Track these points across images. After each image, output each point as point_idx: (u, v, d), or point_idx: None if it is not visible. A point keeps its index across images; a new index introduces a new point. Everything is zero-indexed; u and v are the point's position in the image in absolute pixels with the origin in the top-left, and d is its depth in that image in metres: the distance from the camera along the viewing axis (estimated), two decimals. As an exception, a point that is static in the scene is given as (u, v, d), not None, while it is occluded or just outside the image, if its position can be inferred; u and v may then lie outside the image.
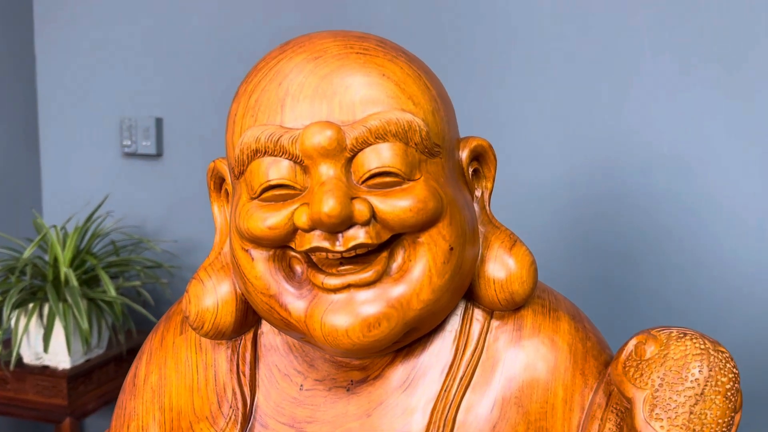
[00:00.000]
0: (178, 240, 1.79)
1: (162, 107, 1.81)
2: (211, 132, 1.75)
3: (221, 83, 1.73)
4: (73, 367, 1.56)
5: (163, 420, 0.62)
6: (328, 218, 0.48)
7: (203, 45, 1.74)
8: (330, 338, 0.51)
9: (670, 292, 1.36)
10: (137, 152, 1.82)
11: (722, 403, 0.50)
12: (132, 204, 1.83)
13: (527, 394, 0.58)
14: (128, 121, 1.82)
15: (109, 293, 1.54)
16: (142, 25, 1.80)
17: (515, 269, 0.57)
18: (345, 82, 0.51)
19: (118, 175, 1.85)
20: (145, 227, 1.83)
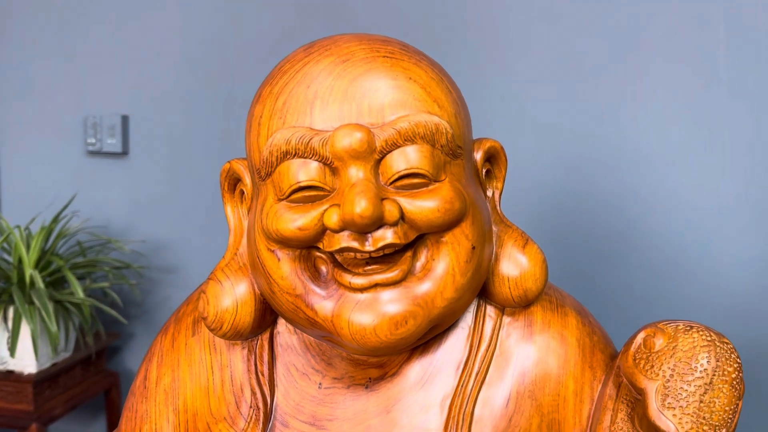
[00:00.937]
0: (146, 240, 1.76)
1: (128, 104, 1.77)
2: (179, 130, 1.73)
3: (189, 80, 1.71)
4: (40, 372, 1.52)
5: (178, 422, 0.62)
6: (360, 219, 0.49)
7: (170, 41, 1.71)
8: (358, 337, 0.52)
9: (639, 287, 1.41)
10: (102, 150, 1.78)
11: (729, 391, 0.53)
12: (97, 204, 1.79)
13: (540, 388, 0.60)
14: (93, 118, 1.78)
15: (77, 295, 1.51)
16: (107, 21, 1.76)
17: (528, 267, 0.59)
18: (373, 86, 0.52)
19: (82, 174, 1.81)
20: (111, 227, 1.79)
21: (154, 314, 1.81)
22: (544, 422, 0.59)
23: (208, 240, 1.73)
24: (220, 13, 1.66)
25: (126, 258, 1.72)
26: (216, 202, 1.71)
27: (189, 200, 1.75)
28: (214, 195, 1.70)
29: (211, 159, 1.71)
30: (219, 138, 1.69)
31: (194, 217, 1.74)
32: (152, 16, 1.72)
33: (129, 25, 1.74)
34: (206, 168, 1.71)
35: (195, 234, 1.75)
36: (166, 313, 1.80)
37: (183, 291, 1.78)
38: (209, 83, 1.69)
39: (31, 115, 1.84)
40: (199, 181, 1.73)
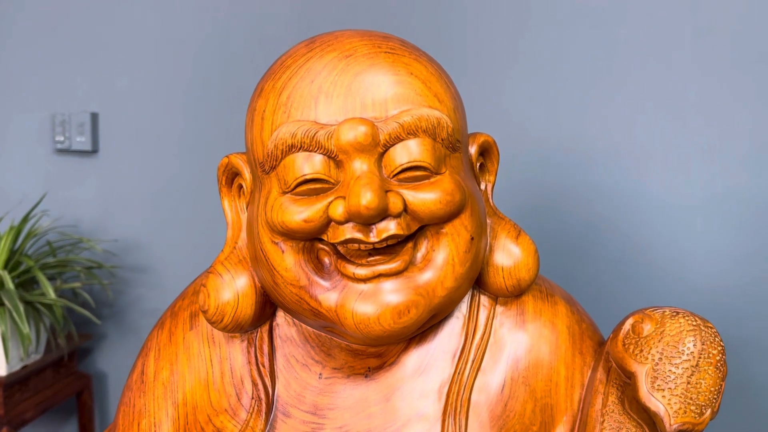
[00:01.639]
0: (118, 239, 1.73)
1: (97, 102, 1.75)
2: (150, 127, 1.71)
3: (160, 77, 1.69)
4: (10, 374, 1.49)
5: (177, 415, 0.62)
6: (366, 210, 0.50)
7: (141, 37, 1.69)
8: (362, 326, 0.53)
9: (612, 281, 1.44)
10: (71, 148, 1.75)
11: (714, 372, 0.56)
12: (67, 203, 1.75)
13: (533, 374, 0.62)
14: (61, 116, 1.75)
15: (48, 295, 1.48)
16: (75, 16, 1.72)
17: (521, 257, 0.61)
18: (376, 80, 0.53)
19: (51, 173, 1.77)
20: (81, 226, 1.76)
21: (126, 315, 1.79)
22: (538, 406, 0.61)
23: (180, 239, 1.72)
24: (192, 9, 1.65)
25: (97, 258, 1.70)
26: (189, 200, 1.70)
27: (161, 199, 1.73)
28: (187, 193, 1.69)
29: (183, 157, 1.69)
30: (191, 135, 1.68)
31: (166, 216, 1.73)
32: (122, 11, 1.70)
33: (97, 20, 1.71)
34: (178, 166, 1.70)
35: (167, 233, 1.74)
36: (138, 313, 1.78)
37: (155, 291, 1.76)
38: (181, 80, 1.67)
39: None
40: (171, 179, 1.71)
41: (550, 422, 0.61)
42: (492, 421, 0.60)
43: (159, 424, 0.62)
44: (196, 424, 0.61)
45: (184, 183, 1.70)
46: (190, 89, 1.67)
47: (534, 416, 0.61)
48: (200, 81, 1.66)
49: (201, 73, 1.66)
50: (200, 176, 1.67)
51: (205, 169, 1.67)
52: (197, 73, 1.66)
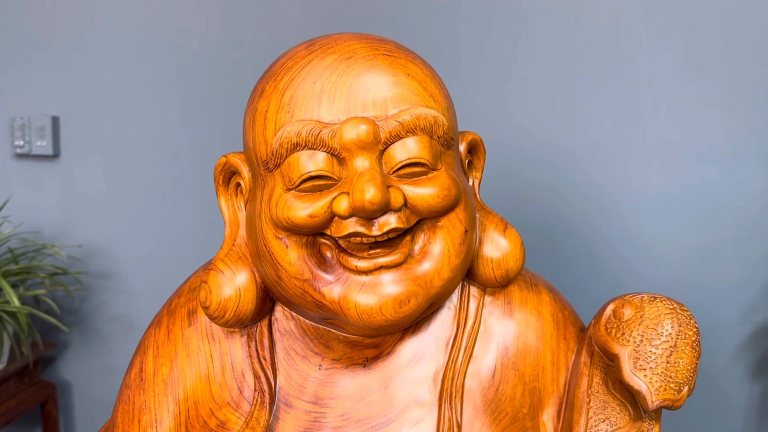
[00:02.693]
0: (82, 245, 1.71)
1: (58, 105, 1.72)
2: (113, 131, 1.69)
3: (122, 79, 1.67)
4: (-28, 385, 1.46)
5: (178, 411, 0.63)
6: (370, 205, 0.52)
7: (102, 38, 1.67)
8: (365, 316, 0.55)
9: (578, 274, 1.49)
10: (31, 153, 1.72)
11: (690, 352, 0.60)
12: (28, 208, 1.72)
13: (521, 359, 0.65)
14: (20, 119, 1.72)
15: (12, 303, 1.45)
16: (34, 17, 1.69)
17: (509, 249, 0.64)
18: (376, 81, 0.56)
19: (10, 178, 1.74)
20: (43, 232, 1.72)
21: (91, 321, 1.76)
22: (527, 390, 0.64)
23: (145, 243, 1.71)
24: (155, 10, 1.64)
25: (61, 264, 1.67)
26: (153, 204, 1.68)
27: (125, 203, 1.71)
28: (151, 197, 1.68)
29: (147, 160, 1.68)
30: (154, 138, 1.67)
31: (131, 221, 1.71)
32: (83, 11, 1.67)
33: (57, 21, 1.69)
34: (142, 169, 1.68)
35: (132, 238, 1.72)
36: (103, 319, 1.76)
37: (120, 296, 1.74)
38: (143, 82, 1.66)
39: (-49, 117, 1.75)
40: (135, 183, 1.70)
41: (538, 404, 0.65)
42: (485, 405, 0.63)
43: (160, 420, 0.63)
44: (198, 418, 0.63)
45: (148, 187, 1.69)
46: (153, 91, 1.66)
47: (523, 399, 0.64)
48: (163, 83, 1.65)
49: (164, 75, 1.65)
50: (164, 180, 1.67)
51: (170, 172, 1.66)
52: (160, 74, 1.65)
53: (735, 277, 1.44)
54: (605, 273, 1.48)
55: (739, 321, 1.45)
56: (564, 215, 1.49)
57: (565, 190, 1.48)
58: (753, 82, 1.37)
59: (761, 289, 1.44)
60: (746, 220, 1.42)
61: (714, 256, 1.43)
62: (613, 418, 0.62)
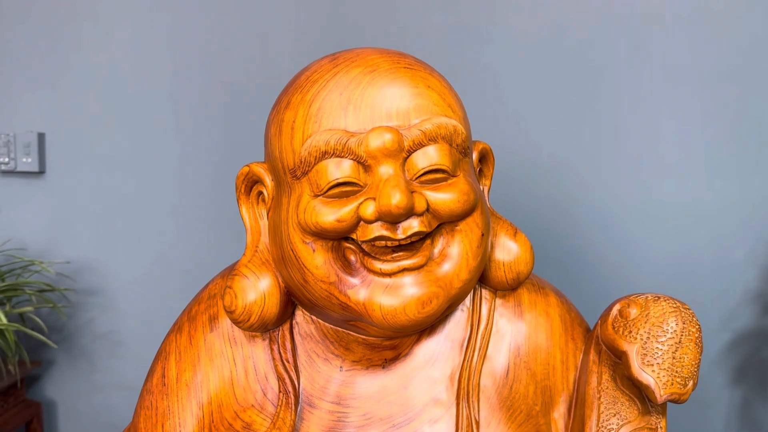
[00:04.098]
0: (70, 261, 1.70)
1: (44, 122, 1.71)
2: (99, 147, 1.69)
3: (107, 96, 1.67)
4: (-43, 405, 1.44)
5: (202, 414, 0.64)
6: (396, 209, 0.55)
7: (87, 56, 1.68)
8: (389, 317, 0.57)
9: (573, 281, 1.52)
10: (16, 170, 1.71)
11: (694, 348, 0.63)
12: (14, 225, 1.71)
13: (533, 359, 0.68)
14: (5, 136, 1.71)
15: (0, 321, 1.44)
16: (20, 34, 1.69)
17: (520, 253, 0.67)
18: (399, 93, 0.59)
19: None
20: (29, 250, 1.71)
21: (77, 339, 1.75)
22: (539, 388, 0.67)
23: (133, 260, 1.70)
24: (141, 29, 1.65)
25: (48, 280, 1.66)
26: (140, 220, 1.68)
27: (111, 220, 1.71)
28: (138, 213, 1.68)
29: (133, 176, 1.68)
30: (140, 155, 1.67)
31: (118, 237, 1.71)
32: (69, 29, 1.68)
33: (43, 38, 1.69)
34: (128, 186, 1.68)
35: (119, 254, 1.71)
36: (89, 337, 1.74)
37: (107, 313, 1.73)
38: (129, 98, 1.67)
39: (-65, 134, 1.73)
40: (121, 199, 1.69)
41: (549, 402, 0.67)
42: (500, 403, 0.65)
43: (184, 424, 0.64)
44: (222, 421, 0.64)
45: (135, 203, 1.69)
46: (139, 108, 1.67)
47: (536, 397, 0.67)
48: (149, 99, 1.66)
49: (150, 91, 1.66)
50: (151, 196, 1.67)
51: (157, 188, 1.67)
52: (146, 91, 1.66)
53: (714, 285, 1.48)
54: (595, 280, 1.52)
55: (719, 328, 1.49)
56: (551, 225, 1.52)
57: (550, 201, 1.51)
58: (727, 95, 1.43)
59: (740, 296, 1.48)
60: (724, 230, 1.47)
61: (693, 265, 1.48)
62: (623, 412, 0.64)
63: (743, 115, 1.44)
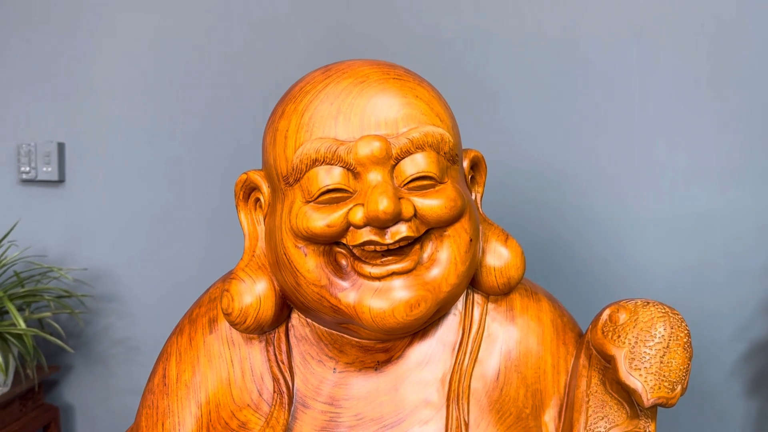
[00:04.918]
0: (87, 268, 1.74)
1: (64, 132, 1.76)
2: (117, 157, 1.73)
3: (125, 105, 1.72)
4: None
5: (200, 414, 0.66)
6: (384, 215, 0.57)
7: (106, 66, 1.72)
8: (378, 319, 0.59)
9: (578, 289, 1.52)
10: (37, 178, 1.75)
11: (682, 353, 0.64)
12: (34, 233, 1.75)
13: (524, 363, 0.69)
14: (26, 146, 1.76)
15: (19, 325, 1.48)
16: (40, 45, 1.75)
17: (510, 258, 0.68)
18: (388, 102, 0.61)
19: (17, 204, 1.77)
20: (49, 257, 1.76)
21: (95, 345, 1.78)
22: (529, 391, 0.68)
23: (149, 267, 1.74)
24: (159, 39, 1.69)
25: (66, 287, 1.70)
26: (157, 227, 1.72)
27: (129, 227, 1.75)
28: (155, 221, 1.72)
29: (150, 185, 1.72)
30: (158, 163, 1.71)
31: (135, 244, 1.75)
32: (88, 41, 1.73)
33: (63, 49, 1.74)
34: (146, 194, 1.72)
35: (136, 261, 1.75)
36: (107, 343, 1.78)
37: (124, 320, 1.76)
38: (146, 108, 1.71)
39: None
40: (139, 207, 1.73)
41: (540, 405, 0.69)
42: (490, 405, 0.67)
43: (183, 422, 0.66)
44: (219, 420, 0.66)
45: (152, 211, 1.73)
46: (157, 118, 1.71)
47: (526, 400, 0.68)
48: (164, 110, 1.70)
49: (167, 101, 1.70)
50: (168, 204, 1.71)
51: (173, 196, 1.70)
52: (163, 101, 1.70)
53: (729, 295, 1.47)
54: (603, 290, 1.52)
55: (735, 338, 1.48)
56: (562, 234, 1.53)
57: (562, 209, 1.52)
58: (740, 103, 1.43)
59: (755, 306, 1.47)
60: (739, 239, 1.46)
61: (708, 274, 1.47)
62: (611, 416, 0.65)
63: (757, 123, 1.44)
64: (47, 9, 1.74)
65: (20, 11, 1.75)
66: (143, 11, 1.70)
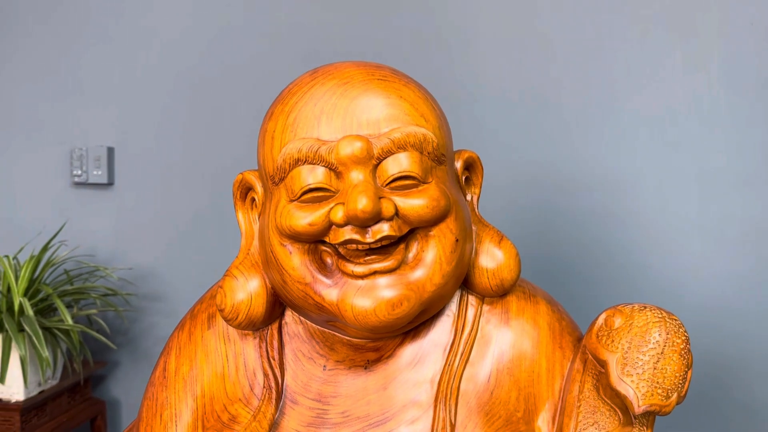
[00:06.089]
0: (133, 267, 1.81)
1: (113, 137, 1.84)
2: (163, 161, 1.80)
3: (173, 113, 1.78)
4: (27, 399, 1.55)
5: (196, 406, 0.69)
6: (362, 213, 0.57)
7: (156, 75, 1.79)
8: (360, 317, 0.60)
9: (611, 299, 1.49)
10: (88, 182, 1.84)
11: (678, 359, 0.62)
12: (84, 233, 1.84)
13: (517, 366, 0.68)
14: (78, 150, 1.84)
15: (66, 321, 1.55)
16: (93, 55, 1.83)
17: (504, 260, 0.68)
18: (370, 103, 0.62)
19: (69, 205, 1.86)
20: (98, 256, 1.83)
21: (140, 342, 1.85)
22: (522, 395, 0.67)
23: (193, 267, 1.79)
24: (205, 46, 1.75)
25: (112, 286, 1.77)
26: (201, 229, 1.77)
27: (174, 228, 1.81)
28: (199, 222, 1.77)
29: (195, 188, 1.78)
30: (202, 167, 1.77)
31: (179, 245, 1.80)
32: (136, 51, 1.80)
33: (113, 59, 1.82)
34: (191, 196, 1.78)
35: (180, 262, 1.81)
36: (152, 340, 1.84)
37: (169, 318, 1.82)
38: (191, 114, 1.77)
39: (18, 147, 1.89)
40: (183, 209, 1.79)
41: (533, 410, 0.67)
42: (479, 407, 0.66)
43: (179, 414, 0.69)
44: (213, 413, 0.68)
45: (195, 213, 1.78)
46: (200, 123, 1.76)
47: (518, 403, 0.67)
48: (210, 115, 1.75)
49: (211, 108, 1.75)
50: (212, 206, 1.76)
51: (217, 198, 1.75)
52: (207, 107, 1.75)
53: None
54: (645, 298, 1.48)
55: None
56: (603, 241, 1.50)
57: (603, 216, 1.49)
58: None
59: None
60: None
61: (758, 281, 1.41)
62: (602, 422, 0.64)
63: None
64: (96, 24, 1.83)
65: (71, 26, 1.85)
66: (188, 18, 1.76)
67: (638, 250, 1.48)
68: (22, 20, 1.87)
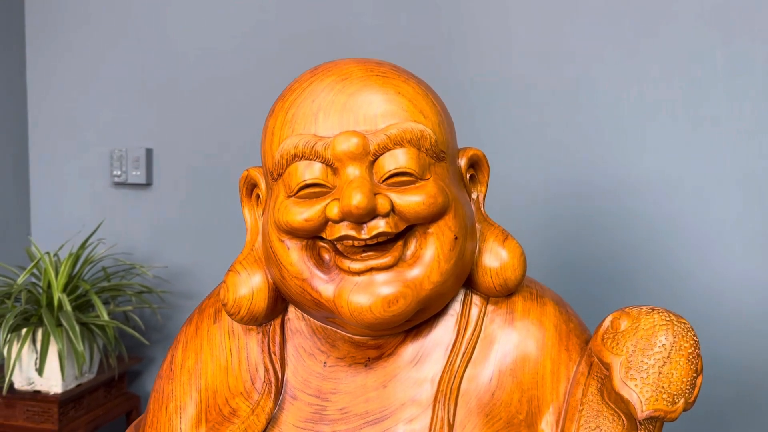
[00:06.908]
0: (168, 266, 1.85)
1: (152, 138, 1.89)
2: (200, 162, 1.84)
3: (209, 115, 1.82)
4: (65, 392, 1.60)
5: (200, 399, 0.70)
6: (357, 209, 0.57)
7: (193, 78, 1.83)
8: (356, 314, 0.60)
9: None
10: (127, 182, 1.89)
11: (686, 364, 0.60)
12: (122, 232, 1.89)
13: (520, 367, 0.67)
14: (118, 151, 1.90)
15: (102, 317, 1.59)
16: (132, 59, 1.89)
17: (508, 259, 0.67)
18: (368, 99, 0.61)
19: (108, 204, 1.92)
20: (135, 254, 1.88)
21: (174, 339, 1.89)
22: (525, 397, 0.66)
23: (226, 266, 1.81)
24: (240, 48, 1.78)
25: (148, 284, 1.81)
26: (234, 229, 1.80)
27: (209, 229, 1.84)
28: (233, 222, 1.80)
29: (230, 188, 1.80)
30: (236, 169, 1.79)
31: (214, 245, 1.84)
32: (174, 56, 1.85)
33: (151, 65, 1.87)
34: (225, 197, 1.81)
35: (215, 261, 1.84)
36: (185, 337, 1.88)
37: (202, 316, 1.85)
38: (227, 117, 1.80)
39: (61, 148, 1.96)
40: (218, 210, 1.83)
41: (536, 412, 0.66)
42: (479, 408, 0.65)
43: (184, 407, 0.70)
44: (215, 406, 0.69)
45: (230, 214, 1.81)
46: (234, 126, 1.79)
47: (520, 405, 0.66)
48: (244, 117, 1.78)
49: (245, 110, 1.78)
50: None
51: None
52: (241, 110, 1.78)
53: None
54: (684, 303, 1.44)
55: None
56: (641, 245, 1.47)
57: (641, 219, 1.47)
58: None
59: None
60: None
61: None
62: (604, 426, 0.62)
63: None
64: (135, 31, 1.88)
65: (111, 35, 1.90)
66: (224, 24, 1.79)
67: (676, 256, 1.45)
68: (66, 30, 1.94)
